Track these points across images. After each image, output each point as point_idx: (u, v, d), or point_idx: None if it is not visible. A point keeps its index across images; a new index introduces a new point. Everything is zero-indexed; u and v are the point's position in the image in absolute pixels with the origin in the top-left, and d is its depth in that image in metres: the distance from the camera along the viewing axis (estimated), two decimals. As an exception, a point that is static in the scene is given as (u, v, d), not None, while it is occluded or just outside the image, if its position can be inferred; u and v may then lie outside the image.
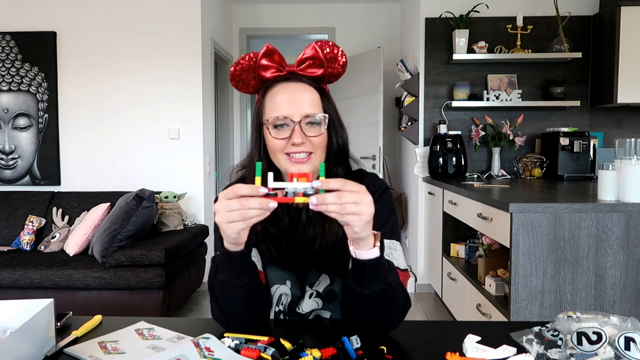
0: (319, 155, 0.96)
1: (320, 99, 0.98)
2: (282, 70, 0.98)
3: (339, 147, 1.01)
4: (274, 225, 0.99)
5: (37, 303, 0.83)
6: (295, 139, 0.92)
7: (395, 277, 0.88)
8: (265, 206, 0.73)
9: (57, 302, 0.87)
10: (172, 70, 3.59)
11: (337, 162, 1.02)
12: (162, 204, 3.35)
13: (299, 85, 0.97)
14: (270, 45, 0.97)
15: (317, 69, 0.98)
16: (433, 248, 3.48)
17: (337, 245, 0.96)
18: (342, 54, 1.01)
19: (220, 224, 0.77)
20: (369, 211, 0.75)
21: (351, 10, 4.69)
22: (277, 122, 0.93)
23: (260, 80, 0.99)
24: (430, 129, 3.65)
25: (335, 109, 1.02)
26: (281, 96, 0.95)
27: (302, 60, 0.98)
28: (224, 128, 4.63)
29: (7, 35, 3.58)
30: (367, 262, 0.82)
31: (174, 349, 0.81)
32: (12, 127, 3.64)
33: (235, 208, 0.74)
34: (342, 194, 0.73)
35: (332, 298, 1.01)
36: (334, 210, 0.74)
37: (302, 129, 0.93)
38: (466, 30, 3.42)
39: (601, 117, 3.58)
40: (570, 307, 1.87)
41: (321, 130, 0.95)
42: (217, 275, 0.89)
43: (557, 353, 0.78)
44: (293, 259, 1.00)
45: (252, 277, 0.90)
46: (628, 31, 3.18)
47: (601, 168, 1.95)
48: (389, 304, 0.87)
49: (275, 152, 0.95)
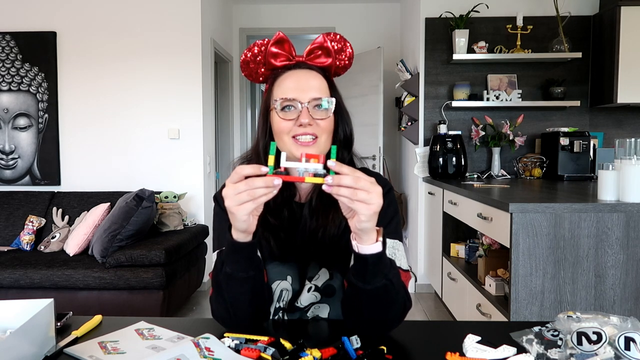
0: (325, 140, 0.97)
1: (328, 86, 1.00)
2: (292, 59, 1.00)
3: (345, 135, 1.03)
4: (274, 215, 0.99)
5: (37, 303, 0.83)
6: (302, 120, 0.92)
7: (396, 275, 0.89)
8: (271, 184, 0.74)
9: (57, 302, 0.87)
10: (172, 70, 3.59)
11: (343, 149, 1.03)
12: (162, 204, 3.35)
13: (307, 72, 0.99)
14: (282, 33, 0.99)
15: (326, 58, 1.01)
16: (433, 248, 3.48)
17: (339, 238, 0.97)
18: (349, 46, 1.05)
19: (231, 208, 0.77)
20: (378, 202, 0.76)
21: (351, 10, 4.69)
22: (284, 104, 0.94)
23: (269, 68, 1.01)
24: (430, 129, 3.65)
25: (342, 98, 1.03)
26: (289, 81, 0.97)
27: (311, 50, 1.00)
28: (224, 128, 4.63)
29: (7, 35, 3.58)
30: (369, 257, 0.82)
31: (174, 349, 0.81)
32: (12, 127, 3.64)
33: (243, 189, 0.75)
34: (359, 179, 0.74)
35: (331, 293, 1.01)
36: (345, 194, 0.74)
37: (309, 111, 0.94)
38: (466, 30, 3.42)
39: (601, 117, 3.58)
40: (570, 307, 1.87)
41: (328, 114, 0.96)
42: (224, 268, 0.89)
43: (557, 353, 0.78)
44: (294, 251, 1.00)
45: (257, 271, 0.91)
46: (628, 31, 3.18)
47: (601, 168, 1.95)
48: (390, 301, 0.88)
49: (282, 135, 0.95)
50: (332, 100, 0.96)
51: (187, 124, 3.62)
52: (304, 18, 4.70)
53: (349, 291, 0.89)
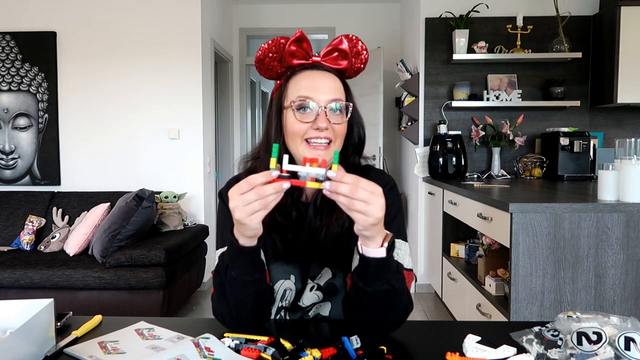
0: (338, 145, 0.96)
1: (344, 89, 0.99)
2: (308, 59, 0.98)
3: (359, 138, 1.03)
4: (283, 214, 0.98)
5: (37, 303, 0.83)
6: (320, 123, 0.91)
7: (400, 280, 0.87)
8: (280, 188, 0.74)
9: (57, 302, 0.87)
10: (172, 70, 3.59)
11: (355, 152, 1.03)
12: (162, 204, 3.35)
13: (324, 73, 0.97)
14: (301, 32, 0.97)
15: (343, 60, 0.99)
16: (433, 248, 3.48)
17: (342, 237, 0.96)
18: (365, 49, 1.03)
19: (242, 220, 0.76)
20: (376, 214, 0.75)
21: (351, 10, 4.69)
22: (301, 104, 0.93)
23: (285, 66, 0.99)
24: (430, 129, 3.65)
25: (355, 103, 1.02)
26: (306, 81, 0.95)
27: (329, 51, 0.99)
28: (224, 128, 4.63)
29: (7, 35, 3.58)
30: (372, 260, 0.81)
31: (174, 349, 0.81)
32: (12, 127, 3.64)
33: (254, 199, 0.74)
34: (357, 189, 0.73)
35: (333, 292, 1.01)
36: (343, 202, 0.74)
37: (326, 114, 0.93)
38: (466, 30, 3.42)
39: (601, 117, 3.58)
40: (570, 307, 1.87)
41: (344, 118, 0.95)
42: (228, 272, 0.88)
43: (557, 353, 0.78)
44: (298, 251, 1.00)
45: (261, 273, 0.90)
46: (628, 31, 3.18)
47: (601, 168, 1.94)
48: (391, 305, 0.87)
49: (295, 137, 0.94)
50: (350, 105, 0.96)
51: (187, 124, 3.62)
52: (304, 18, 4.70)
53: (352, 290, 0.89)
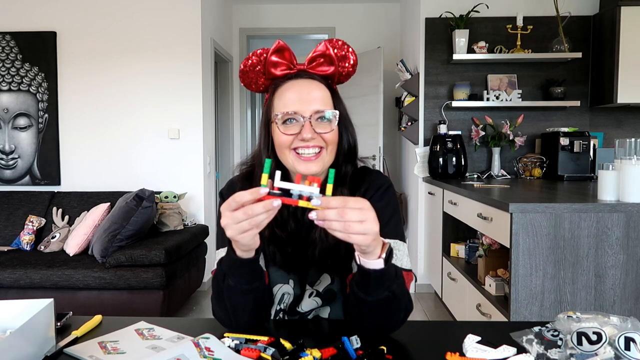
0: (330, 152, 0.94)
1: (331, 96, 0.96)
2: (293, 68, 0.96)
3: (349, 146, 1.00)
4: (281, 227, 0.97)
5: (37, 303, 0.83)
6: (304, 135, 0.90)
7: (400, 285, 0.86)
8: (270, 207, 0.71)
9: (57, 302, 0.87)
10: (172, 70, 3.59)
11: (347, 160, 1.00)
12: (162, 204, 3.35)
13: (309, 82, 0.95)
14: (282, 42, 0.95)
15: (328, 66, 0.97)
16: (433, 248, 3.48)
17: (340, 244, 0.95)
18: (352, 52, 1.00)
19: (234, 237, 0.75)
20: (374, 229, 0.73)
21: (351, 10, 4.69)
22: (286, 117, 0.91)
23: (270, 78, 0.97)
24: (430, 129, 3.65)
25: (345, 108, 1.00)
26: (291, 92, 0.93)
27: (312, 58, 0.96)
28: (224, 128, 4.63)
29: (7, 35, 3.58)
30: (372, 272, 0.80)
31: (174, 349, 0.81)
32: (12, 127, 3.64)
33: (243, 218, 0.72)
34: (345, 211, 0.70)
35: (332, 297, 1.00)
36: (337, 228, 0.71)
37: (312, 124, 0.91)
38: (466, 30, 3.42)
39: (601, 117, 3.58)
40: (570, 307, 1.87)
41: (332, 126, 0.93)
42: (226, 280, 0.87)
43: (557, 353, 0.78)
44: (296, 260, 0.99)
45: (260, 281, 0.90)
46: (628, 31, 3.18)
47: (601, 168, 1.94)
48: (392, 310, 0.86)
49: (283, 149, 0.93)
50: (336, 113, 0.94)
51: (187, 124, 3.62)
52: (304, 18, 4.70)
53: (352, 299, 0.88)
